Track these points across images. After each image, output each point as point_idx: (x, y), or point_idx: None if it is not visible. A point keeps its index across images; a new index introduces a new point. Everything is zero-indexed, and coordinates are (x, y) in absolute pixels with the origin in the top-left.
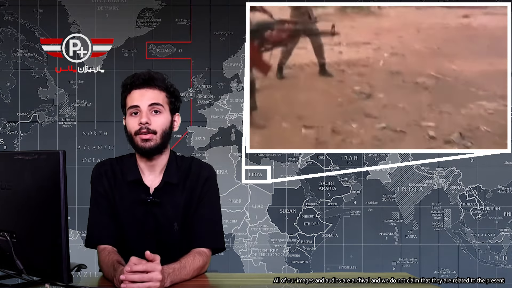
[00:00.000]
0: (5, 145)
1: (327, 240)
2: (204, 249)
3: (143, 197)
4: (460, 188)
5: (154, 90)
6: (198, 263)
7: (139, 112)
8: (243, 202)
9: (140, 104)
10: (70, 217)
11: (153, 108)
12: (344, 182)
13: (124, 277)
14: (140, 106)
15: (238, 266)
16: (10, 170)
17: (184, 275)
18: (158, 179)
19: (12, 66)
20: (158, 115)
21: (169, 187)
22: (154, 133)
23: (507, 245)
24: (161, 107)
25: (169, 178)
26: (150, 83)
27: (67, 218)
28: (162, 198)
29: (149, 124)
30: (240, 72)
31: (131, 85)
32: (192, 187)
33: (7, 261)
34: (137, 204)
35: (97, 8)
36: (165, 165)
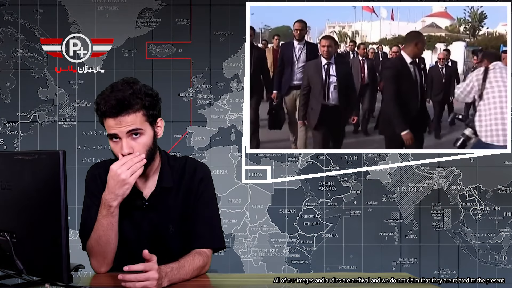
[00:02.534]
0: (5, 145)
1: (327, 240)
2: (204, 249)
3: (139, 203)
4: (460, 188)
5: (130, 116)
6: (197, 263)
7: (119, 139)
8: (243, 202)
9: (119, 133)
10: (70, 217)
11: (132, 133)
12: (344, 182)
13: (122, 277)
14: (119, 134)
15: (238, 266)
16: (10, 170)
17: (183, 274)
18: (152, 182)
19: (12, 66)
20: (139, 137)
21: (164, 191)
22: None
23: (507, 245)
24: (141, 129)
25: (164, 183)
26: (126, 110)
27: (67, 218)
28: (158, 202)
29: (132, 151)
30: (240, 72)
31: (104, 113)
32: (188, 188)
33: (7, 261)
34: (132, 209)
35: (97, 8)
36: (158, 167)
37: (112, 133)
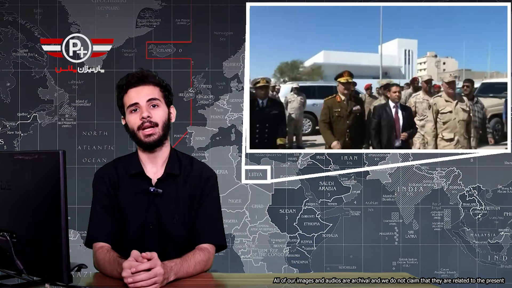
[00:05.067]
0: (5, 145)
1: (327, 240)
2: (207, 245)
3: (146, 187)
4: (460, 188)
5: (149, 86)
6: (199, 257)
7: (138, 109)
8: (243, 202)
9: (139, 101)
10: (70, 217)
11: (151, 103)
12: (344, 182)
13: (132, 279)
14: (139, 103)
15: (238, 266)
16: (10, 170)
17: (186, 267)
18: (160, 171)
19: (12, 66)
20: (157, 108)
21: (171, 178)
22: (156, 126)
23: (507, 245)
24: (158, 101)
25: (171, 170)
26: (145, 80)
27: (67, 218)
28: (164, 188)
29: (150, 118)
30: (240, 72)
31: (126, 85)
32: (194, 184)
33: (7, 261)
34: (140, 195)
35: (97, 8)
36: (167, 158)
37: (133, 102)
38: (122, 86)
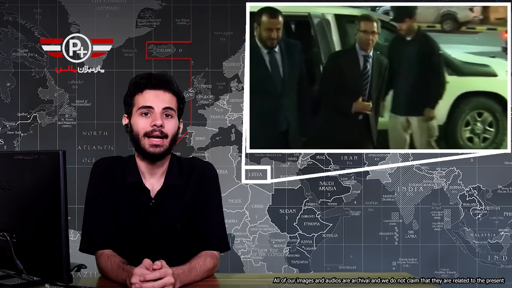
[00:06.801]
0: (5, 145)
1: (327, 240)
2: (214, 251)
3: (144, 200)
4: (460, 188)
5: (169, 94)
6: (208, 265)
7: (150, 114)
8: (243, 202)
9: (154, 106)
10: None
11: (166, 111)
12: (344, 182)
13: (139, 285)
14: (154, 108)
15: (238, 266)
16: (10, 170)
17: (194, 276)
18: (159, 182)
19: (12, 66)
20: (170, 119)
21: (171, 189)
22: (165, 137)
23: (507, 245)
24: (173, 111)
25: (171, 181)
26: (166, 86)
27: (67, 218)
28: (164, 201)
29: (162, 127)
30: (240, 72)
31: (145, 85)
32: (197, 186)
33: (7, 261)
34: (138, 207)
35: (97, 8)
36: (166, 168)
37: (147, 105)
38: (139, 84)
